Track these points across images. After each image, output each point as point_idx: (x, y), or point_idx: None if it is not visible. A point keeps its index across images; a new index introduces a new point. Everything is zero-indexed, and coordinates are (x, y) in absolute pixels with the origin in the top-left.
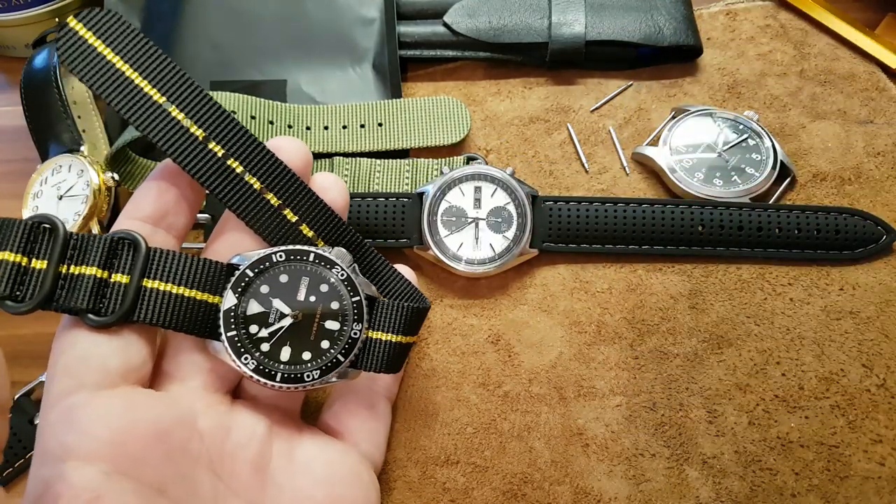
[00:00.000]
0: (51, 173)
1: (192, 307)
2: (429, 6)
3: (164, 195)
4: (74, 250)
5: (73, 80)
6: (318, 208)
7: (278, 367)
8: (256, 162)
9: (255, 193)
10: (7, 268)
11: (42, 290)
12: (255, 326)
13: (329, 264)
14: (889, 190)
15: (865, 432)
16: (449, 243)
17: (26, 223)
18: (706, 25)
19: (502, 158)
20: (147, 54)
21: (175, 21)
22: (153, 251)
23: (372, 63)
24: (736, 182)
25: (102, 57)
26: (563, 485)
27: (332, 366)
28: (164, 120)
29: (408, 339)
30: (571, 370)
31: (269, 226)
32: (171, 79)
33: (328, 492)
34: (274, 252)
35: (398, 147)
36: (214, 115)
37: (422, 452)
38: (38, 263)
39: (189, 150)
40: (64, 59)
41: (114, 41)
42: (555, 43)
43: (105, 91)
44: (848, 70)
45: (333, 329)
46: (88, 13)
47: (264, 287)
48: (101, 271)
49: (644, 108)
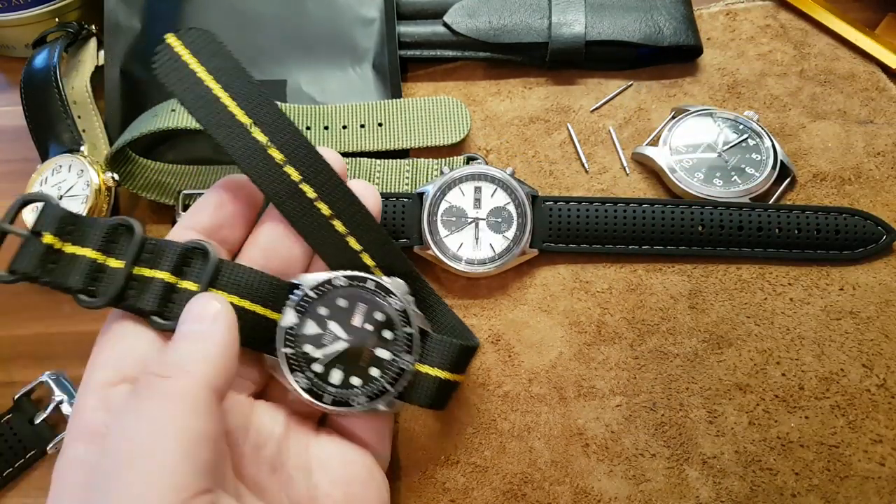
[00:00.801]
0: (51, 173)
1: (252, 320)
2: (429, 6)
3: (222, 209)
4: (149, 253)
5: (73, 79)
6: (379, 238)
7: (328, 390)
8: (328, 189)
9: (324, 219)
10: (87, 264)
11: (114, 288)
12: (309, 346)
13: (387, 293)
14: (889, 190)
15: (865, 432)
16: (449, 243)
17: (108, 223)
18: (706, 25)
19: (502, 158)
20: (236, 75)
21: (175, 21)
22: (222, 262)
23: (372, 63)
24: (736, 182)
25: (195, 74)
26: (563, 485)
27: (380, 394)
28: (247, 141)
29: (455, 376)
30: (571, 370)
31: (333, 251)
32: (256, 101)
33: (345, 491)
34: (336, 276)
35: (398, 147)
36: (294, 139)
37: (422, 452)
38: (114, 262)
39: (267, 172)
40: (159, 75)
41: (207, 60)
42: (555, 43)
43: (194, 108)
44: (848, 70)
45: (384, 358)
46: (186, 33)
47: (323, 309)
48: (172, 276)
49: (644, 108)
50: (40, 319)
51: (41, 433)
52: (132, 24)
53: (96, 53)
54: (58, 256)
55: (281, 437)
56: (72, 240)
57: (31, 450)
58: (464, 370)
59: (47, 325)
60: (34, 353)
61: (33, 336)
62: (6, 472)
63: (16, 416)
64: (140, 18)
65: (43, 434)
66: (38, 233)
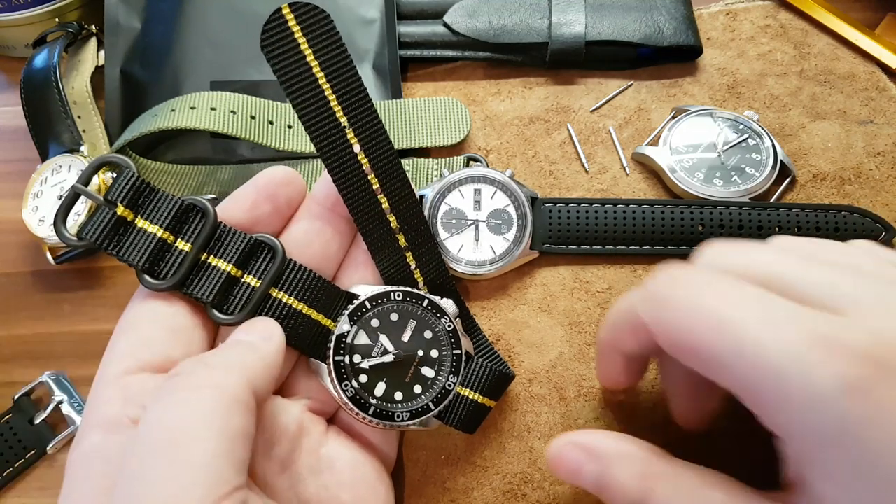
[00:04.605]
0: (51, 173)
1: (307, 325)
2: (429, 6)
3: (260, 207)
4: (217, 241)
5: (73, 80)
6: (434, 257)
7: (370, 401)
8: (401, 202)
9: (391, 233)
10: (153, 241)
11: (180, 272)
12: (357, 356)
13: (439, 313)
14: (889, 190)
15: None
16: (449, 245)
17: (182, 202)
18: (706, 25)
19: (502, 158)
20: (342, 63)
21: (175, 21)
22: (289, 262)
23: (372, 63)
24: (736, 182)
25: (301, 54)
26: (564, 485)
27: (422, 411)
28: (340, 143)
29: (489, 401)
30: (572, 370)
31: (391, 264)
32: (355, 96)
33: (353, 493)
34: (393, 290)
35: (398, 147)
36: (380, 148)
37: (422, 452)
38: (183, 245)
39: (351, 176)
40: (265, 46)
41: (316, 41)
42: (555, 43)
43: (293, 95)
44: (848, 70)
45: (428, 376)
46: (303, 6)
47: (375, 321)
48: (236, 269)
49: (644, 108)
50: (40, 319)
51: (41, 433)
52: (132, 24)
53: (96, 53)
54: (127, 229)
55: (294, 436)
56: (144, 213)
57: (31, 450)
58: (498, 398)
59: (47, 325)
60: (34, 353)
61: (33, 336)
62: (6, 472)
63: (16, 416)
64: (140, 18)
65: (43, 434)
66: (111, 201)
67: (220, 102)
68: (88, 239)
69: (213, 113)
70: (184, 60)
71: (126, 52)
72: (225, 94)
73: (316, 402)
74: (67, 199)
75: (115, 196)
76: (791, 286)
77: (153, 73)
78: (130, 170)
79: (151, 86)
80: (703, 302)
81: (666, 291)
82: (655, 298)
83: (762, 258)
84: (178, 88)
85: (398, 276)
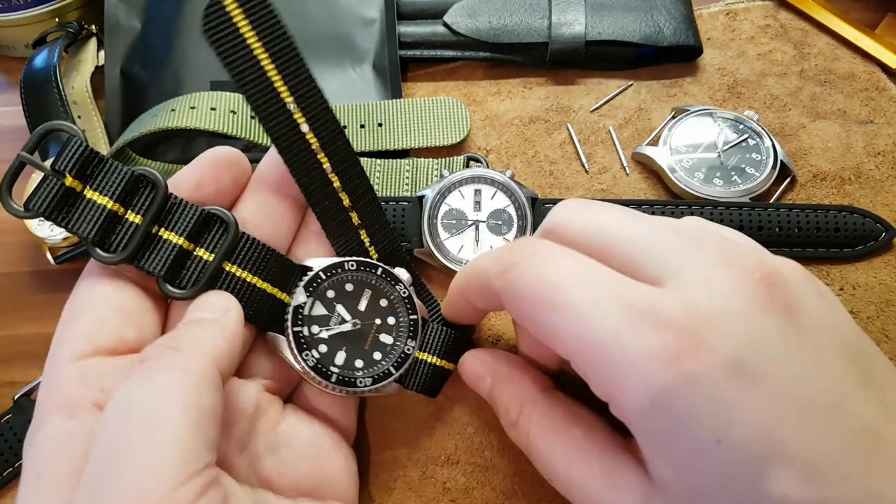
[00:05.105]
0: None
1: (262, 298)
2: (429, 6)
3: (204, 188)
4: (168, 213)
5: (73, 80)
6: (387, 232)
7: (332, 370)
8: (352, 180)
9: (344, 210)
10: (103, 213)
11: (131, 244)
12: (315, 327)
13: (394, 281)
14: (889, 190)
15: None
16: (449, 246)
17: (132, 172)
18: (706, 25)
19: (502, 158)
20: (284, 45)
21: (175, 21)
22: (241, 235)
23: (372, 63)
24: (736, 182)
25: (242, 37)
26: None
27: (383, 376)
28: (287, 123)
29: (449, 364)
30: None
31: (345, 240)
32: (299, 76)
33: (312, 463)
34: (346, 261)
35: (398, 147)
36: (329, 127)
37: (422, 452)
38: (133, 217)
39: (301, 156)
40: (206, 31)
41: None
42: (555, 43)
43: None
44: (848, 70)
45: (387, 343)
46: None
47: (330, 292)
48: (188, 242)
49: (644, 108)
50: (40, 319)
51: None
52: (132, 24)
53: (96, 53)
54: (76, 200)
55: (252, 416)
56: (93, 184)
57: None
58: (457, 360)
59: (47, 325)
60: (34, 353)
61: (33, 336)
62: (6, 472)
63: (16, 416)
64: (140, 18)
65: None
66: (59, 171)
67: (220, 102)
68: (35, 210)
69: (213, 113)
70: (184, 60)
71: (126, 52)
72: (225, 94)
73: (272, 382)
74: (13, 169)
75: (63, 166)
76: (623, 254)
77: (153, 73)
78: (78, 138)
79: (151, 86)
80: (543, 275)
81: (513, 263)
82: (503, 268)
83: (603, 223)
84: (178, 88)
85: (353, 254)
